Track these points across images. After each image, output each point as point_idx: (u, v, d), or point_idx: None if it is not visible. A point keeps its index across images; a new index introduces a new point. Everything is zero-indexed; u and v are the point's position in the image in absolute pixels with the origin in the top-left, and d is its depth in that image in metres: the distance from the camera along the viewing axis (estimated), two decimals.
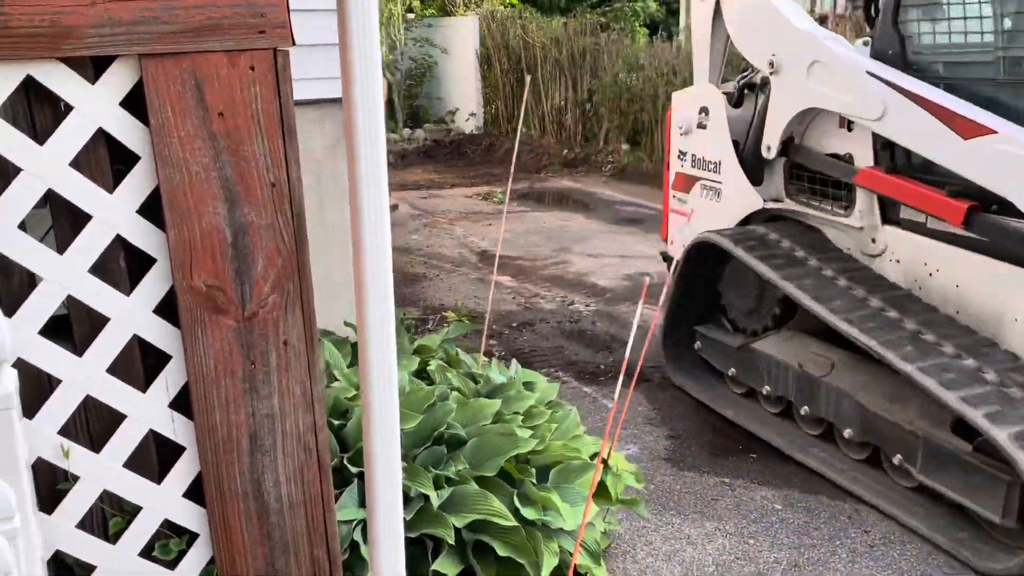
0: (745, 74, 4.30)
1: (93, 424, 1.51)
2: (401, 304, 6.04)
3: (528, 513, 2.29)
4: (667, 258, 4.91)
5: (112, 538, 1.53)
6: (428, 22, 15.14)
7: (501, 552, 2.24)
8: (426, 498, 2.27)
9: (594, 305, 5.91)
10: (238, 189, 1.43)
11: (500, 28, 13.66)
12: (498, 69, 13.73)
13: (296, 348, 1.54)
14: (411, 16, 15.05)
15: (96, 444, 1.48)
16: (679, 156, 4.59)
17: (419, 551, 2.26)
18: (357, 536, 2.11)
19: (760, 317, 4.05)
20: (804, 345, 3.75)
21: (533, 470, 2.51)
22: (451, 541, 2.20)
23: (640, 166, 10.91)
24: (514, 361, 3.70)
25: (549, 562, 2.28)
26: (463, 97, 14.94)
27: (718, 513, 3.32)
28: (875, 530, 3.18)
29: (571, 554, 2.37)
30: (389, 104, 14.88)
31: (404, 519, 2.26)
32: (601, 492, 2.69)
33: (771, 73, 3.78)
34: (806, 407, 3.65)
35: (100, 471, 1.46)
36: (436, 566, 2.19)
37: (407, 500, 2.31)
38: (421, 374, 2.92)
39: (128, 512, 1.51)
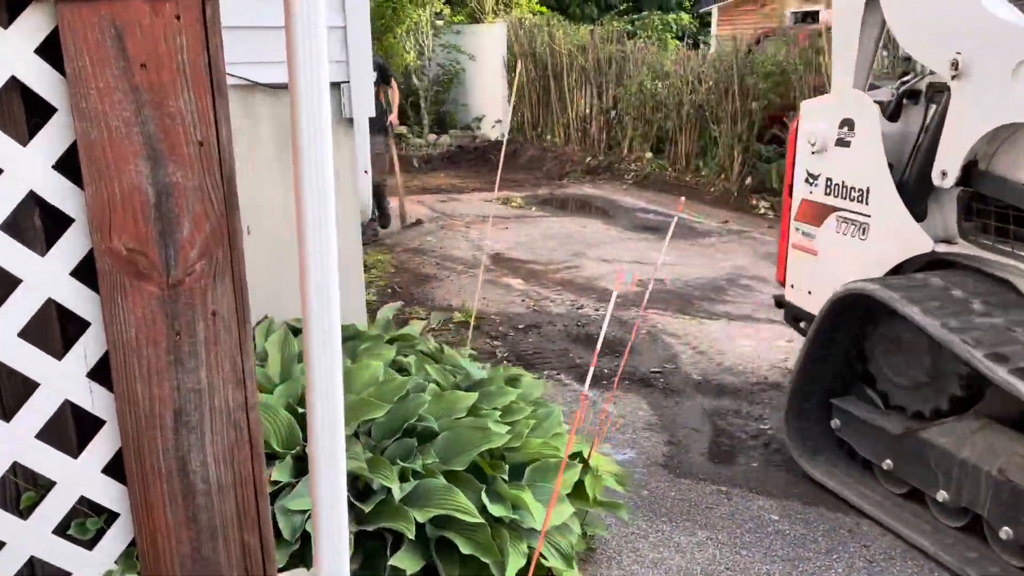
0: (907, 79, 3.49)
1: (7, 397, 1.44)
2: (409, 304, 5.98)
3: (496, 510, 2.19)
4: (782, 303, 4.01)
5: (24, 513, 1.46)
6: (456, 29, 15.15)
7: (464, 549, 2.14)
8: (388, 491, 2.17)
9: (603, 309, 5.78)
10: (162, 147, 1.35)
11: (527, 35, 13.62)
12: (524, 76, 13.68)
13: (226, 320, 1.46)
14: (440, 23, 15.07)
15: (8, 415, 1.41)
16: (808, 180, 3.68)
17: (379, 545, 2.16)
18: (309, 527, 2.02)
19: (931, 396, 3.10)
20: (1003, 442, 2.79)
21: (507, 466, 2.40)
22: (411, 536, 2.09)
23: (663, 174, 10.77)
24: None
25: (515, 562, 2.17)
26: (490, 104, 14.92)
27: (711, 522, 3.18)
28: (875, 545, 3.02)
29: (541, 556, 2.25)
30: (415, 109, 14.90)
31: (363, 511, 2.16)
32: (579, 493, 2.57)
33: (953, 77, 2.96)
34: (1008, 529, 2.70)
35: (9, 440, 1.39)
36: (394, 561, 2.09)
37: (369, 492, 2.21)
38: (399, 367, 2.83)
39: (43, 487, 1.44)
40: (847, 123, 3.49)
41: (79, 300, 1.40)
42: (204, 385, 1.47)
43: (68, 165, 1.34)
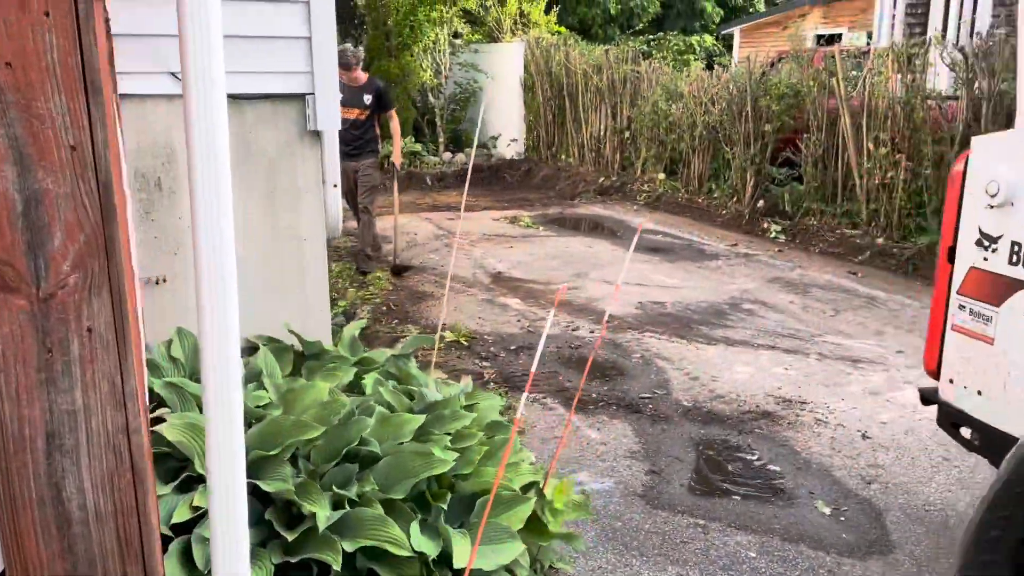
0: None
1: None
2: (403, 322, 5.89)
3: (422, 544, 2.06)
4: (931, 400, 2.99)
5: None
6: (475, 47, 15.17)
7: None
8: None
9: (599, 331, 5.64)
10: (30, 151, 1.27)
11: (544, 54, 13.60)
12: (540, 96, 13.65)
13: (103, 337, 1.36)
14: (458, 41, 15.10)
15: None
16: (982, 242, 2.75)
17: None
18: None
19: None
20: None
21: (450, 496, 2.27)
22: (337, 567, 1.98)
23: (675, 195, 10.63)
24: (467, 378, 3.47)
25: None
26: (506, 123, 14.89)
27: (684, 557, 3.03)
28: None
29: None
30: (431, 127, 14.90)
31: (288, 540, 2.05)
32: (534, 526, 2.43)
33: None
34: None
35: None
36: None
37: (299, 519, 2.10)
38: (356, 388, 2.72)
39: None
40: None
41: None
42: (79, 406, 1.37)
43: None
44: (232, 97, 2.84)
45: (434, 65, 14.57)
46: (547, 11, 16.16)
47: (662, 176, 11.00)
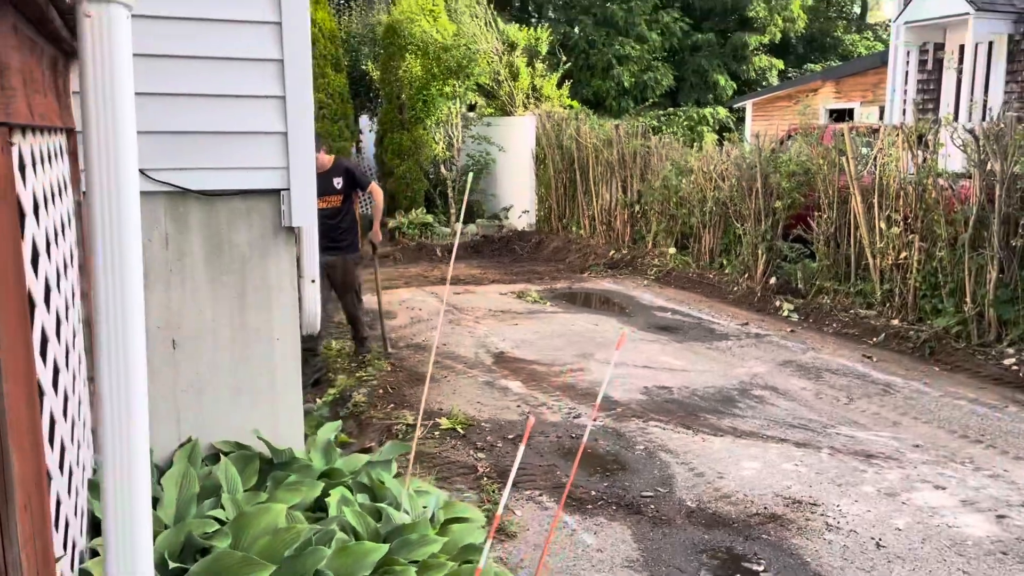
0: None
1: None
2: (399, 407, 5.71)
3: None
4: None
5: None
6: (488, 121, 15.32)
7: None
8: None
9: (602, 420, 5.44)
10: None
11: (555, 128, 13.67)
12: (551, 168, 13.68)
13: None
14: (471, 114, 15.26)
15: None
16: None
17: None
18: None
19: None
20: None
21: None
22: None
23: (686, 271, 10.50)
24: (436, 494, 3.25)
25: None
26: (518, 194, 14.93)
27: None
28: None
29: None
30: (443, 198, 14.94)
31: None
32: None
33: None
34: None
35: None
36: None
37: None
38: (321, 507, 2.54)
39: None
40: None
41: None
42: None
43: None
44: (204, 194, 2.74)
45: (446, 138, 14.68)
46: (559, 85, 16.34)
47: (672, 251, 10.89)
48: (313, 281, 2.97)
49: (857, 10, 31.93)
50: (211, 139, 2.57)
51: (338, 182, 6.42)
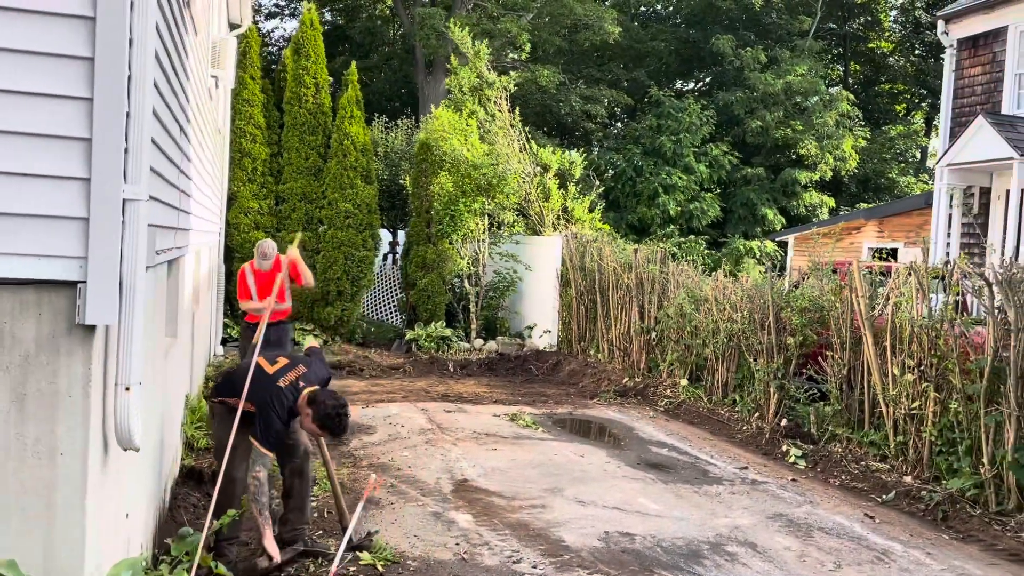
0: None
1: None
2: (328, 534, 5.23)
3: None
4: None
5: None
6: (517, 239, 15.24)
7: None
8: None
9: (542, 568, 4.85)
10: None
11: (580, 249, 13.47)
12: (573, 289, 13.39)
13: None
14: (501, 231, 15.21)
15: None
16: None
17: None
18: None
19: None
20: None
21: None
22: None
23: (697, 404, 9.89)
24: None
25: None
26: (541, 314, 14.64)
27: None
28: None
29: None
30: (465, 313, 14.71)
31: None
32: None
33: None
34: None
35: None
36: None
37: None
38: None
39: None
40: None
41: None
42: None
43: None
44: None
45: (472, 254, 14.61)
46: (591, 209, 16.26)
47: (685, 382, 10.31)
48: (128, 389, 2.64)
49: (918, 154, 31.71)
50: None
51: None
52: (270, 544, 4.36)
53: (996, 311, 6.10)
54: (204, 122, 7.33)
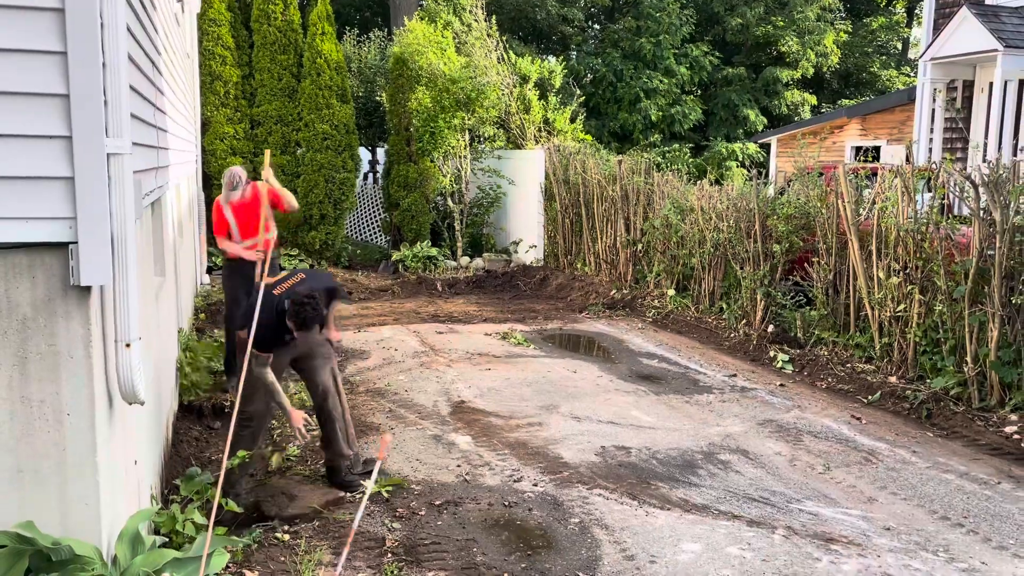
0: None
1: None
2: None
3: None
4: None
5: None
6: (498, 153, 15.04)
7: None
8: None
9: (542, 486, 4.99)
10: None
11: (563, 163, 13.33)
12: (558, 203, 13.31)
13: None
14: (482, 146, 14.99)
15: None
16: None
17: None
18: None
19: None
20: None
21: None
22: None
23: (685, 314, 10.01)
24: None
25: None
26: (527, 229, 14.58)
27: None
28: None
29: None
30: (450, 231, 14.65)
31: None
32: None
33: None
34: None
35: None
36: None
37: None
38: None
39: None
40: None
41: None
42: None
43: None
44: None
45: (454, 171, 14.43)
46: (573, 119, 16.01)
47: (672, 292, 10.41)
48: (128, 345, 2.63)
49: (899, 46, 31.21)
50: None
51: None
52: (296, 420, 4.61)
53: (981, 212, 6.14)
54: (174, 50, 7.09)
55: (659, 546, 4.21)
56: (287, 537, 4.21)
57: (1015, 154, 12.24)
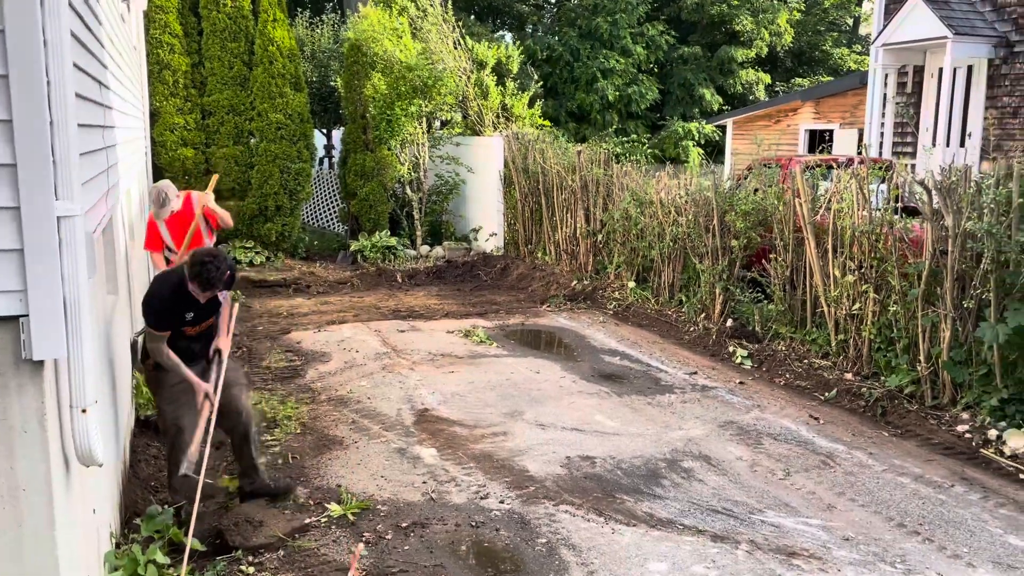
0: None
1: None
2: (295, 479, 5.28)
3: None
4: None
5: None
6: (456, 140, 14.90)
7: None
8: None
9: (509, 502, 5.01)
10: None
11: (522, 150, 13.26)
12: (518, 192, 13.27)
13: None
14: (440, 133, 14.83)
15: None
16: None
17: None
18: None
19: None
20: None
21: None
22: None
23: (645, 306, 10.08)
24: None
25: None
26: (486, 216, 14.51)
27: None
28: None
29: None
30: (409, 220, 14.52)
31: None
32: None
33: None
34: None
35: None
36: None
37: None
38: None
39: None
40: None
41: None
42: None
43: None
44: None
45: (412, 159, 14.27)
46: (531, 104, 15.91)
47: (632, 284, 10.47)
48: (84, 411, 2.56)
49: (850, 22, 31.54)
50: None
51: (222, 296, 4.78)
52: (200, 390, 4.50)
53: (933, 216, 6.26)
54: (121, 49, 6.85)
55: (625, 567, 4.26)
56: (251, 570, 4.17)
57: (962, 143, 12.51)
